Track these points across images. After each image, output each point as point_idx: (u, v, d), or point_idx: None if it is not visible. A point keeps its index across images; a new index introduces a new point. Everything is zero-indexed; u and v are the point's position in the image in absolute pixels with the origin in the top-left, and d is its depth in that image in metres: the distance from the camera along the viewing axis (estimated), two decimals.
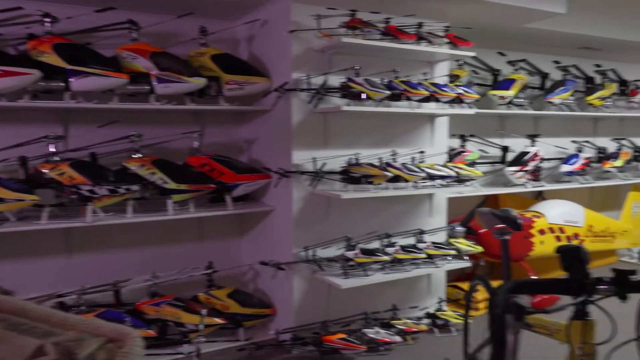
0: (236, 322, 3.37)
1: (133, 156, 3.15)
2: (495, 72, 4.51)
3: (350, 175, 3.18)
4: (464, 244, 3.67)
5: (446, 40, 3.47)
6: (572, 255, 1.15)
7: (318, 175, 3.23)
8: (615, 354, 1.12)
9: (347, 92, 3.14)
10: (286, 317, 3.45)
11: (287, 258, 3.34)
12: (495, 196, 4.85)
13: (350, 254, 3.22)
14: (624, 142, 5.37)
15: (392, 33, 3.17)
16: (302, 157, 3.29)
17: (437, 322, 3.66)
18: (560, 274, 1.15)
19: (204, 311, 3.03)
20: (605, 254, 5.35)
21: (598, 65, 5.21)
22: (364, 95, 3.09)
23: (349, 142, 3.44)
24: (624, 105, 5.35)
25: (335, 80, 3.27)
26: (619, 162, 5.11)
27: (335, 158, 3.34)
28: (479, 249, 3.72)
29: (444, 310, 3.74)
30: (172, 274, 3.43)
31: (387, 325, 3.48)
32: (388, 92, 3.15)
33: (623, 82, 5.26)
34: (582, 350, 1.14)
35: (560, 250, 1.15)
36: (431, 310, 3.75)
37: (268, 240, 3.68)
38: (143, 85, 3.12)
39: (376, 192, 3.22)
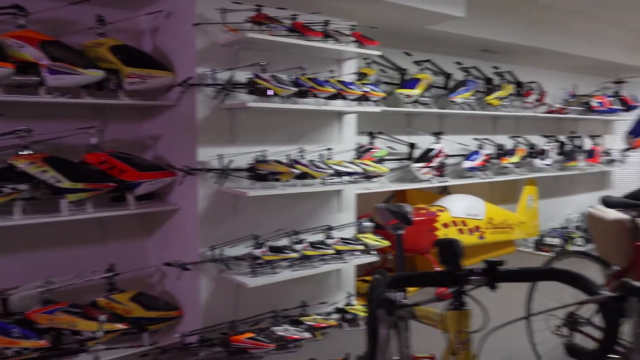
0: (140, 326, 3.23)
1: (21, 153, 2.92)
2: (402, 71, 4.65)
3: (257, 172, 3.14)
4: (372, 239, 3.75)
5: (352, 38, 3.52)
6: (447, 249, 1.20)
7: (224, 172, 3.17)
8: (487, 339, 1.18)
9: (254, 88, 3.10)
10: (194, 319, 3.36)
11: (193, 258, 3.26)
12: (403, 192, 5.01)
13: (258, 252, 3.19)
14: (520, 139, 5.73)
15: (298, 30, 3.17)
16: (208, 154, 3.21)
17: (346, 317, 3.71)
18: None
19: (102, 317, 2.88)
20: (504, 244, 5.70)
21: (496, 68, 5.53)
22: (270, 92, 3.07)
23: (256, 139, 3.41)
24: (519, 105, 5.71)
25: (242, 76, 3.21)
26: (515, 158, 5.45)
27: (242, 155, 3.29)
28: (386, 243, 3.82)
29: (353, 305, 3.81)
30: (69, 279, 3.23)
31: (296, 322, 3.48)
32: (295, 89, 3.14)
33: (519, 84, 5.62)
34: (458, 338, 1.19)
35: (437, 244, 1.19)
36: (340, 305, 3.81)
37: (174, 240, 3.57)
38: (32, 76, 2.90)
39: (283, 189, 3.21)
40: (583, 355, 1.07)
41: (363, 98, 3.55)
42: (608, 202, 2.56)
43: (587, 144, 6.55)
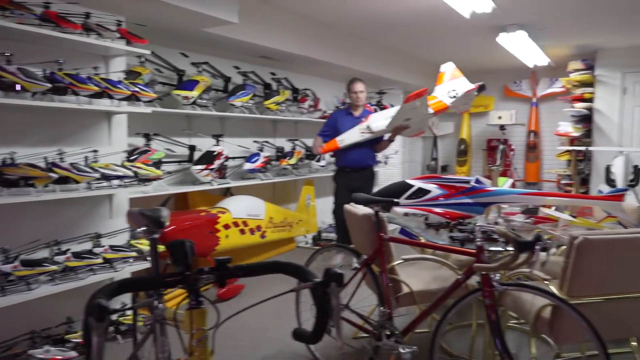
0: None
1: None
2: (180, 72, 4.58)
3: (5, 177, 2.77)
4: (147, 245, 3.61)
5: (118, 35, 3.34)
6: (178, 250, 1.22)
7: None
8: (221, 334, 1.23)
9: None
10: None
11: None
12: (184, 194, 4.94)
13: (7, 267, 2.82)
14: (297, 142, 6.11)
15: (52, 20, 2.89)
16: None
17: (120, 329, 3.51)
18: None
19: None
20: (285, 242, 6.01)
21: (273, 74, 5.81)
22: (18, 87, 2.73)
23: (3, 140, 3.00)
24: (296, 110, 6.10)
25: None
26: (293, 160, 5.80)
27: None
28: (162, 248, 3.71)
29: (128, 315, 3.62)
30: None
31: (60, 341, 3.17)
32: (49, 85, 2.85)
33: (295, 90, 5.99)
34: (195, 336, 1.21)
35: (168, 245, 1.20)
36: (114, 317, 3.58)
37: None
38: None
39: (39, 195, 2.90)
40: (304, 338, 1.18)
41: (133, 98, 3.39)
42: (357, 200, 2.88)
43: None
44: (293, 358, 3.16)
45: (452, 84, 4.83)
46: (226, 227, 4.69)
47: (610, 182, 6.05)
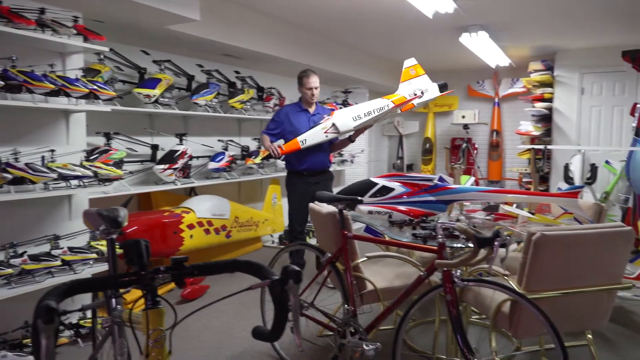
0: None
1: None
2: (141, 70, 4.49)
3: None
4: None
5: (75, 31, 3.25)
6: (132, 250, 1.19)
7: None
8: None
9: None
10: None
11: None
12: (147, 195, 4.86)
13: None
14: None
15: (4, 15, 2.79)
16: None
17: (81, 332, 3.42)
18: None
19: None
20: (252, 241, 5.98)
21: (237, 72, 5.76)
22: None
23: None
24: (261, 109, 6.06)
25: None
26: (258, 159, 5.76)
27: None
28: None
29: (89, 318, 3.53)
30: None
31: (18, 346, 3.07)
32: (1, 83, 2.76)
33: (260, 89, 5.95)
34: (152, 337, 1.19)
35: (121, 246, 1.18)
36: (74, 320, 3.49)
37: None
38: None
39: None
40: (263, 336, 1.17)
41: (91, 96, 3.31)
42: (320, 198, 2.88)
43: None
44: (258, 357, 3.14)
45: (417, 82, 4.63)
46: (190, 227, 4.64)
47: (568, 179, 6.23)
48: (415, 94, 4.52)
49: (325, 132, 4.33)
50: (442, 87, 4.60)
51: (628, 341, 3.35)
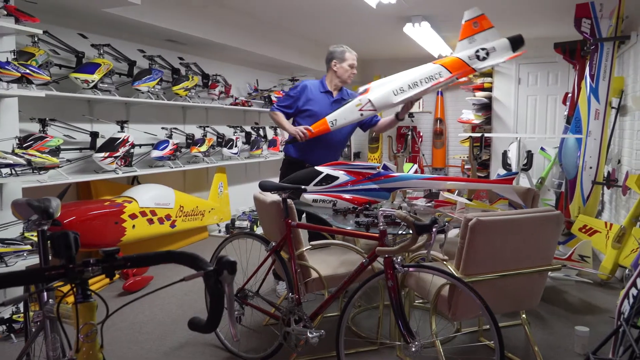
0: None
1: None
2: (78, 54, 4.31)
3: None
4: None
5: (5, 12, 3.07)
6: (60, 242, 1.16)
7: None
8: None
9: None
10: None
11: None
12: (87, 184, 4.69)
13: None
14: (208, 129, 5.98)
15: None
16: None
17: (13, 327, 3.28)
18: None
19: None
20: (198, 230, 5.90)
21: (181, 59, 5.62)
22: None
23: None
24: (206, 97, 5.96)
25: None
26: (204, 147, 5.67)
27: None
28: None
29: (22, 313, 3.39)
30: None
31: None
32: None
33: (205, 76, 5.84)
34: (82, 331, 1.16)
35: (49, 237, 1.14)
36: (7, 314, 3.34)
37: None
38: None
39: None
40: (199, 327, 1.16)
41: (24, 80, 3.15)
42: (264, 187, 2.87)
43: (270, 134, 7.25)
44: (201, 347, 3.12)
45: (481, 38, 3.66)
46: (133, 217, 4.52)
47: (506, 166, 6.48)
48: (477, 56, 3.63)
49: (360, 110, 3.59)
50: (516, 44, 3.66)
51: (560, 319, 3.54)
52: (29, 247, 3.26)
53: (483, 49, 3.61)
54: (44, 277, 1.06)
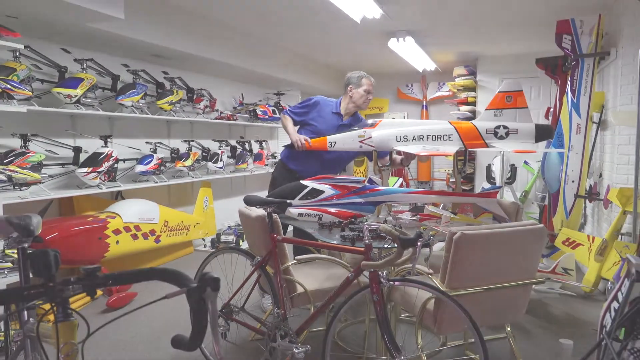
0: None
1: None
2: (61, 69, 4.28)
3: None
4: None
5: None
6: (39, 260, 1.14)
7: None
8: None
9: None
10: None
11: None
12: (70, 199, 4.63)
13: None
14: (193, 143, 5.96)
15: None
16: None
17: None
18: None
19: None
20: (183, 245, 5.84)
21: (166, 73, 5.61)
22: None
23: None
24: (191, 111, 5.94)
25: None
26: (189, 162, 5.64)
27: None
28: None
29: (2, 331, 3.32)
30: None
31: None
32: None
33: (190, 90, 5.83)
34: (63, 351, 1.14)
35: (28, 256, 1.12)
36: None
37: None
38: None
39: None
40: (182, 345, 1.15)
41: (5, 95, 3.12)
42: (249, 201, 2.86)
43: (255, 148, 7.24)
44: None
45: (509, 115, 3.44)
46: (116, 232, 4.47)
47: (490, 179, 6.54)
48: (496, 132, 3.41)
49: (360, 142, 3.63)
50: (542, 134, 3.41)
51: (544, 331, 3.56)
52: (9, 264, 3.20)
53: (505, 127, 3.39)
54: (23, 297, 1.04)
